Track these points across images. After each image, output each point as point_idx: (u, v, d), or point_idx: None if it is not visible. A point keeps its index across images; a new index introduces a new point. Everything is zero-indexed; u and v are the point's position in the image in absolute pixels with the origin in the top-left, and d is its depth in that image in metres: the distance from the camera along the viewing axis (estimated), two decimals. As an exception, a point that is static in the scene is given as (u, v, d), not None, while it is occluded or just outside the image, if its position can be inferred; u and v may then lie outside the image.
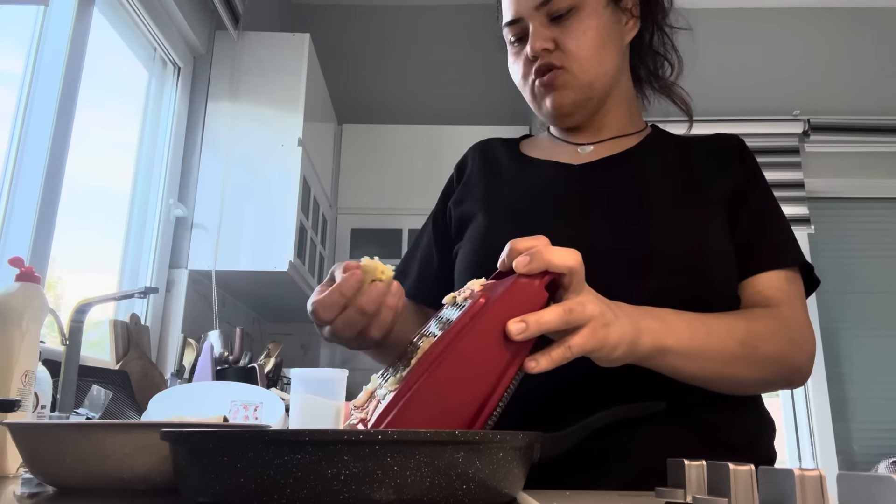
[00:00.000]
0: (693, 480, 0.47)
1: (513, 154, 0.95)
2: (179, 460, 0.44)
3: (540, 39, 0.83)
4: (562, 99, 0.86)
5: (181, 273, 2.16)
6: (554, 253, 0.56)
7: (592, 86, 0.86)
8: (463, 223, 0.90)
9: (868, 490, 0.35)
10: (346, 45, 3.36)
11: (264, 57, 2.34)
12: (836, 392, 3.01)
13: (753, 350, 0.71)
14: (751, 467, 0.43)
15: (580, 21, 0.83)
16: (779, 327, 0.74)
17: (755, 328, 0.72)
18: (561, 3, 0.83)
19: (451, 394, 0.52)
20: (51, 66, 1.58)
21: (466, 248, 0.86)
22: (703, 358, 0.68)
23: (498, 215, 0.85)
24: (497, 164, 0.94)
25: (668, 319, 0.66)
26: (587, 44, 0.83)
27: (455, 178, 0.98)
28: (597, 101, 0.88)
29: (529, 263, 0.55)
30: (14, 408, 0.72)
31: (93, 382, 1.41)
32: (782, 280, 0.79)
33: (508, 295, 0.55)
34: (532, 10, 0.84)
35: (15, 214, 1.48)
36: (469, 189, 0.93)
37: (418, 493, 0.40)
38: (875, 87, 3.29)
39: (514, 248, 0.58)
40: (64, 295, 1.77)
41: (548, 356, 0.55)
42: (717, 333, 0.69)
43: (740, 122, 3.21)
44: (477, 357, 0.53)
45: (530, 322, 0.54)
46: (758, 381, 0.75)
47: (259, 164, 2.24)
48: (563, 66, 0.84)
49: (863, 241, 3.20)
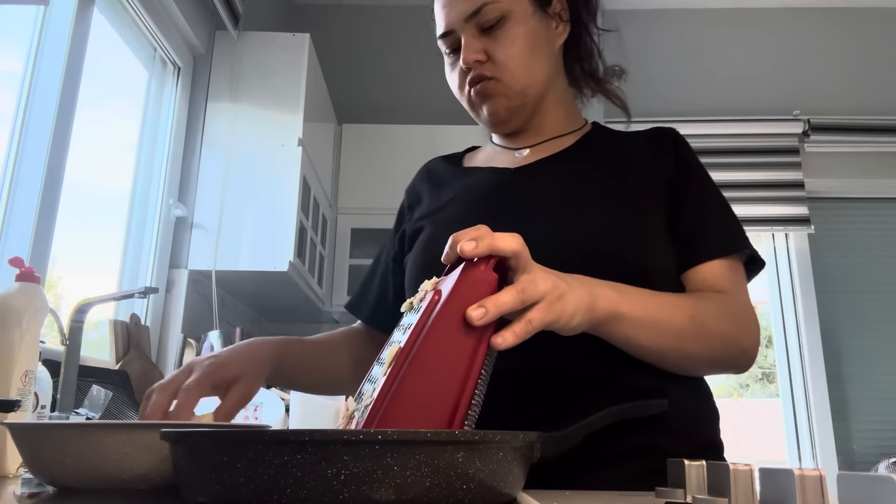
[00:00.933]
0: (693, 480, 0.47)
1: (455, 168, 0.99)
2: (179, 460, 0.44)
3: (471, 51, 0.86)
4: (497, 106, 0.88)
5: (181, 273, 2.16)
6: (497, 237, 0.59)
7: (525, 92, 0.88)
8: (412, 242, 0.93)
9: (868, 490, 0.35)
10: (346, 45, 3.36)
11: (264, 57, 2.33)
12: (836, 392, 3.01)
13: (702, 326, 0.73)
14: (751, 467, 0.43)
15: (508, 31, 0.86)
16: (726, 309, 0.77)
17: (703, 306, 0.75)
18: (489, 15, 0.85)
19: (428, 389, 0.54)
20: (51, 66, 1.58)
21: (411, 261, 0.90)
22: (655, 329, 0.70)
23: (440, 225, 0.88)
24: (441, 181, 0.98)
25: (623, 289, 0.69)
26: (516, 53, 0.86)
27: (406, 205, 1.02)
28: (531, 106, 0.90)
29: (475, 248, 0.58)
30: (14, 408, 0.72)
31: (93, 382, 1.41)
32: (724, 268, 0.82)
33: (461, 283, 0.58)
34: (462, 22, 0.86)
35: (15, 214, 1.47)
36: (419, 211, 0.96)
37: (418, 493, 0.40)
38: (875, 87, 3.30)
39: (456, 239, 0.60)
40: (64, 295, 1.77)
41: (511, 331, 0.58)
42: (668, 307, 0.72)
43: (740, 122, 3.21)
44: (445, 349, 0.56)
45: (489, 306, 0.56)
46: (706, 359, 0.76)
47: (259, 164, 2.24)
48: (494, 76, 0.86)
49: (863, 241, 3.20)
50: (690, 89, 3.31)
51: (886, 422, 2.99)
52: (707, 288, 0.80)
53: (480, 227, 0.60)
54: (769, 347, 3.40)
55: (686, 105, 3.26)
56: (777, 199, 3.15)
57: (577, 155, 0.90)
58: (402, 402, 0.53)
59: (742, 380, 3.81)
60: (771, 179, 3.17)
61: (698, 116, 3.20)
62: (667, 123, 1.01)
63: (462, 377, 0.56)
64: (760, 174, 3.18)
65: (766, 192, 3.15)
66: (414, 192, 1.01)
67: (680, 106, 3.25)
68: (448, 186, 0.95)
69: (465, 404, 0.55)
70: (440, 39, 0.90)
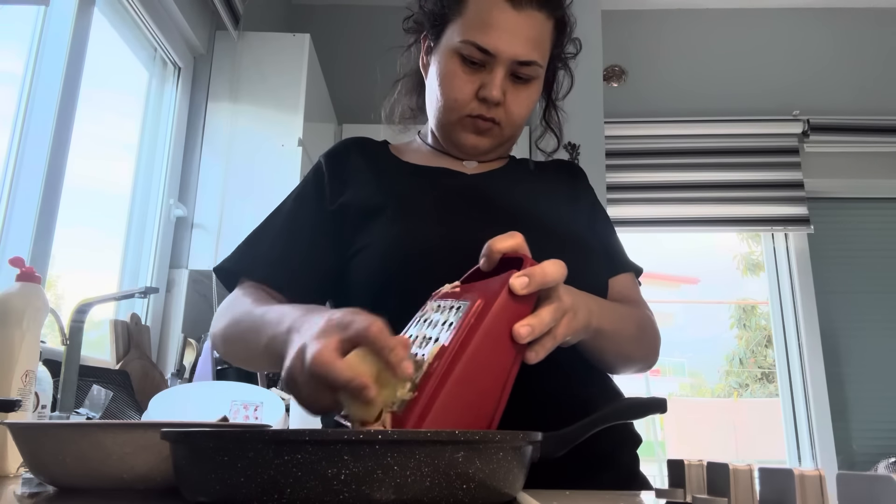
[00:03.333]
0: (693, 480, 0.47)
1: (392, 158, 0.97)
2: (180, 460, 0.44)
3: (500, 91, 0.86)
4: (485, 145, 0.92)
5: (181, 273, 2.16)
6: (547, 273, 0.61)
7: (509, 138, 0.94)
8: (367, 217, 0.86)
9: (868, 490, 0.35)
10: (346, 45, 3.36)
11: (264, 57, 2.33)
12: (836, 392, 3.01)
13: (643, 334, 0.84)
14: (751, 467, 0.43)
15: (529, 92, 0.90)
16: (648, 318, 0.89)
17: (641, 316, 0.87)
18: (528, 72, 0.87)
19: (472, 395, 0.56)
20: (51, 66, 1.58)
21: (381, 251, 0.82)
22: (617, 339, 0.78)
23: (417, 217, 0.85)
24: (382, 168, 0.93)
25: (600, 303, 0.76)
26: (525, 112, 0.91)
27: (329, 173, 0.93)
28: (504, 147, 0.97)
29: (528, 285, 0.60)
30: (14, 408, 0.72)
31: (93, 382, 1.41)
32: (629, 280, 0.95)
33: (508, 299, 0.60)
34: (508, 58, 0.85)
35: (15, 214, 1.48)
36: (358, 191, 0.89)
37: (418, 493, 0.40)
38: (875, 87, 3.30)
39: (494, 248, 0.64)
40: (64, 295, 1.77)
41: (542, 346, 0.61)
42: (625, 318, 0.81)
43: (740, 122, 3.21)
44: (491, 358, 0.58)
45: (535, 324, 0.60)
46: (639, 361, 0.85)
47: (259, 164, 2.23)
48: (500, 122, 0.89)
49: (862, 241, 3.20)
50: (690, 89, 3.31)
51: (886, 422, 2.99)
52: (624, 298, 0.90)
53: (515, 236, 0.64)
54: (769, 347, 3.41)
55: (686, 105, 3.26)
56: (777, 199, 3.15)
57: (517, 173, 0.98)
58: (446, 403, 0.53)
59: (742, 379, 3.82)
60: (771, 179, 3.17)
61: (698, 116, 3.20)
62: (667, 123, 1.04)
63: (501, 387, 0.58)
64: (760, 174, 3.18)
65: (765, 192, 3.16)
66: (341, 163, 0.94)
67: (680, 106, 3.25)
68: (394, 177, 0.92)
69: (500, 413, 0.58)
70: (473, 47, 0.85)
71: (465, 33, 0.86)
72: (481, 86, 0.86)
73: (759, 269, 3.50)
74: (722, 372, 3.89)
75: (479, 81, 0.86)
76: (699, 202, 3.16)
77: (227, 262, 0.90)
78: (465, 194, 0.90)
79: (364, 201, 0.88)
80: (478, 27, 0.85)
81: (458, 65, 0.87)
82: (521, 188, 0.94)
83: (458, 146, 0.93)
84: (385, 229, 0.83)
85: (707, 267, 3.85)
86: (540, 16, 0.86)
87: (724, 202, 3.16)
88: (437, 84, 0.89)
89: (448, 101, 0.89)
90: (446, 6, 0.90)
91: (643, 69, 3.34)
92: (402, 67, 1.04)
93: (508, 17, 0.84)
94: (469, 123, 0.89)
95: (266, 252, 0.88)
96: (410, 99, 1.04)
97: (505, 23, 0.84)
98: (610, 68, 3.29)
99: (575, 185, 1.01)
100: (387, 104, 1.06)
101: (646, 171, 3.16)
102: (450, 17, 0.89)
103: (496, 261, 0.64)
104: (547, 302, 0.62)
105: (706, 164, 3.16)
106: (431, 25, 0.92)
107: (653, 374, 3.98)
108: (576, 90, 1.03)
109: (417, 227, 0.83)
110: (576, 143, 2.91)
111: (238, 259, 0.90)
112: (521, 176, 0.98)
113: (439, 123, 0.92)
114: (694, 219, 3.18)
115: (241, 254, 0.90)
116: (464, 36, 0.86)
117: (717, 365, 3.89)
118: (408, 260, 0.79)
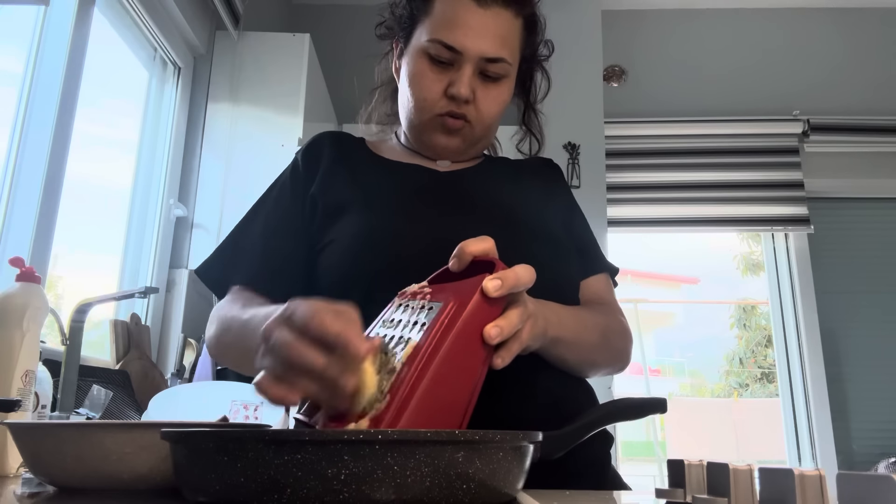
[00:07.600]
0: (693, 480, 0.47)
1: (367, 154, 0.97)
2: (180, 460, 0.44)
3: (468, 88, 0.86)
4: (455, 144, 0.91)
5: (182, 273, 2.16)
6: (520, 277, 0.61)
7: (481, 138, 0.94)
8: (336, 211, 0.86)
9: (868, 490, 0.35)
10: (346, 45, 3.36)
11: (264, 57, 2.33)
12: (836, 392, 3.01)
13: (606, 341, 0.84)
14: (751, 467, 0.43)
15: (500, 90, 0.89)
16: (618, 323, 0.89)
17: (608, 323, 0.86)
18: (497, 69, 0.87)
19: (445, 394, 0.56)
20: (51, 66, 1.58)
21: (346, 241, 0.82)
22: (577, 348, 0.78)
23: (384, 212, 0.85)
24: (355, 161, 0.94)
25: (559, 312, 0.75)
26: (496, 111, 0.90)
27: (304, 166, 0.93)
28: (476, 148, 0.96)
29: (500, 288, 0.60)
30: (14, 408, 0.72)
31: (93, 382, 1.41)
32: (604, 281, 0.95)
33: (482, 301, 0.60)
34: (475, 55, 0.85)
35: (15, 214, 1.48)
36: (333, 177, 0.90)
37: (418, 493, 0.40)
38: (875, 87, 3.30)
39: (466, 250, 0.64)
40: (64, 295, 1.77)
41: (508, 351, 0.63)
42: (588, 326, 0.80)
43: (740, 122, 3.21)
44: (464, 358, 0.58)
45: (504, 326, 0.61)
46: (605, 366, 0.86)
47: (259, 165, 2.23)
48: (470, 120, 0.89)
49: (862, 241, 3.20)
50: (690, 89, 3.31)
51: (886, 422, 2.99)
52: (597, 299, 0.91)
53: (486, 240, 0.64)
54: (769, 347, 3.41)
55: (686, 105, 3.26)
56: (777, 199, 3.15)
57: (492, 172, 0.98)
58: (422, 403, 0.53)
59: (742, 379, 3.82)
60: (771, 179, 3.17)
61: (698, 116, 3.20)
62: (667, 123, 1.04)
63: (472, 388, 0.59)
64: (760, 174, 3.18)
65: (765, 192, 3.16)
66: (315, 157, 0.94)
67: (680, 106, 3.25)
68: (368, 172, 0.92)
69: (469, 413, 0.58)
70: (440, 45, 0.85)
71: (433, 32, 0.86)
72: (450, 84, 0.86)
73: (759, 269, 3.50)
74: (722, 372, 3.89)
75: (448, 80, 0.86)
76: (699, 202, 3.16)
77: (210, 266, 0.91)
78: (434, 189, 0.90)
79: (334, 195, 0.88)
80: (444, 26, 0.86)
81: (427, 64, 0.88)
82: (492, 184, 0.94)
83: (429, 147, 0.93)
84: (350, 223, 0.84)
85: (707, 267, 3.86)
86: (507, 13, 0.87)
87: (724, 202, 3.16)
88: (408, 85, 0.90)
89: (418, 100, 0.89)
90: (414, 8, 0.91)
91: (643, 69, 3.34)
92: (380, 75, 1.05)
93: (475, 14, 0.85)
94: (439, 124, 0.89)
95: (248, 254, 0.88)
96: (387, 105, 1.04)
97: (471, 20, 0.85)
98: (610, 68, 3.29)
99: (552, 183, 1.01)
100: (363, 113, 1.08)
101: (646, 171, 3.16)
102: (418, 19, 0.90)
103: (467, 262, 0.64)
104: (514, 305, 0.63)
105: (706, 164, 3.16)
106: (401, 28, 0.93)
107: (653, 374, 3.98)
108: (576, 90, 1.03)
109: (381, 221, 0.83)
110: (576, 143, 2.91)
111: (220, 263, 0.90)
112: (494, 173, 0.98)
113: (411, 125, 0.92)
114: (694, 219, 3.18)
115: (223, 257, 0.91)
116: (431, 35, 0.86)
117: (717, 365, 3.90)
118: (372, 254, 0.79)
